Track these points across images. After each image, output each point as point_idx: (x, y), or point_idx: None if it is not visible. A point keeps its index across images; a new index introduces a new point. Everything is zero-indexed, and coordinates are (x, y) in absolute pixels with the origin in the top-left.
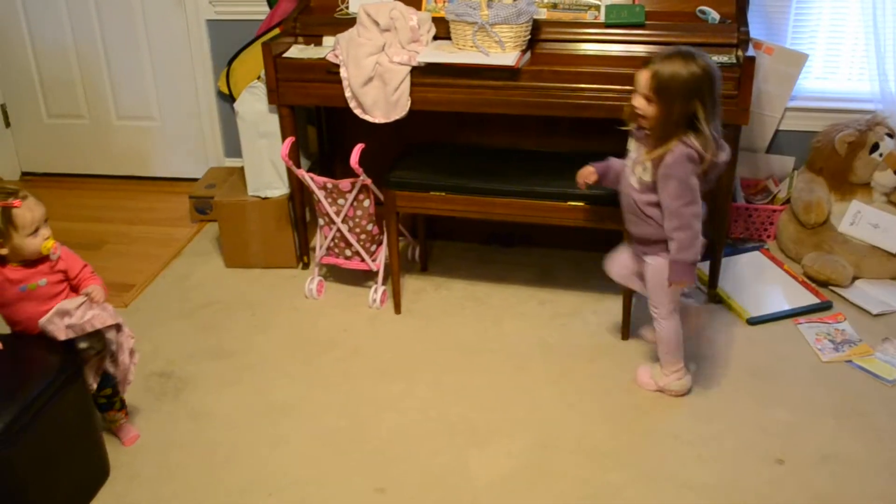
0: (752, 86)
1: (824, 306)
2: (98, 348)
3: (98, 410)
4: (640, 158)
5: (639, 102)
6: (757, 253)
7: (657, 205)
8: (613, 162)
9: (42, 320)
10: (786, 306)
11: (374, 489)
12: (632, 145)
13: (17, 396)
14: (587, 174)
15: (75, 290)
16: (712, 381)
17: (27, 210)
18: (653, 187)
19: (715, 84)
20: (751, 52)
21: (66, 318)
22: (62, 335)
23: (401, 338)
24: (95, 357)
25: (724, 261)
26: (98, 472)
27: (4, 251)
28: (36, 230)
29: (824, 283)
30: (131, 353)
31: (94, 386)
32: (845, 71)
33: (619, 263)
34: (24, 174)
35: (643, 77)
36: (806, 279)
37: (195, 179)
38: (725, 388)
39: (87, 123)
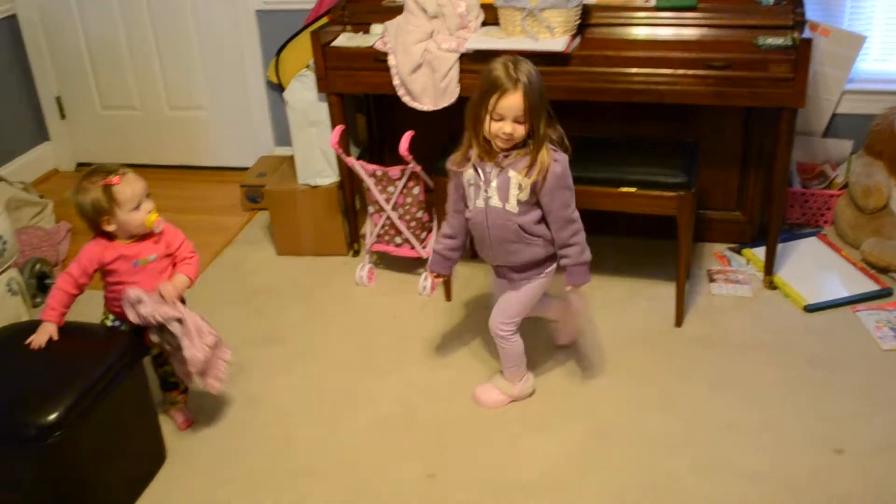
0: (809, 68)
1: (884, 293)
2: (173, 343)
3: (162, 388)
4: (511, 181)
5: (510, 128)
6: (814, 239)
7: (542, 220)
8: (452, 231)
9: (123, 300)
10: (844, 293)
11: (426, 475)
12: (477, 174)
13: (76, 382)
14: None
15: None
16: (769, 369)
17: (127, 185)
18: (535, 203)
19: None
20: (807, 33)
21: (140, 306)
22: (133, 319)
23: (451, 325)
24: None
25: (780, 247)
26: (155, 457)
27: (111, 227)
28: (138, 205)
29: (884, 270)
30: (216, 345)
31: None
32: None
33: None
34: (79, 165)
35: (515, 101)
36: (865, 265)
37: (246, 168)
38: (782, 376)
39: (139, 115)
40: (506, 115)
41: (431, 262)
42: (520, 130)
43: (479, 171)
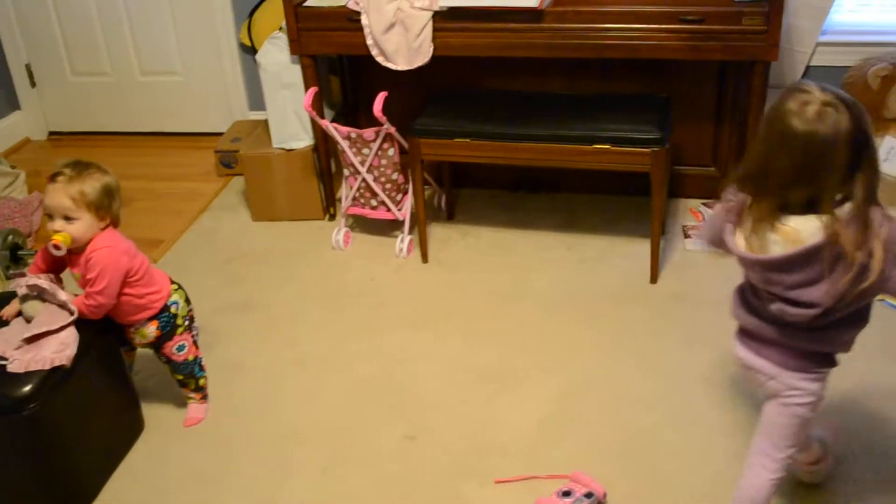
0: (782, 20)
1: None
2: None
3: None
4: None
5: None
6: None
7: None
8: None
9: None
10: None
11: (405, 437)
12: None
13: None
14: None
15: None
16: None
17: (48, 193)
18: None
19: None
20: None
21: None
22: (18, 290)
23: (428, 287)
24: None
25: None
26: (133, 427)
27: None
28: (52, 217)
29: None
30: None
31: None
32: (878, 2)
33: None
34: (51, 133)
35: None
36: None
37: (220, 133)
38: None
39: (111, 80)
40: None
41: None
42: None
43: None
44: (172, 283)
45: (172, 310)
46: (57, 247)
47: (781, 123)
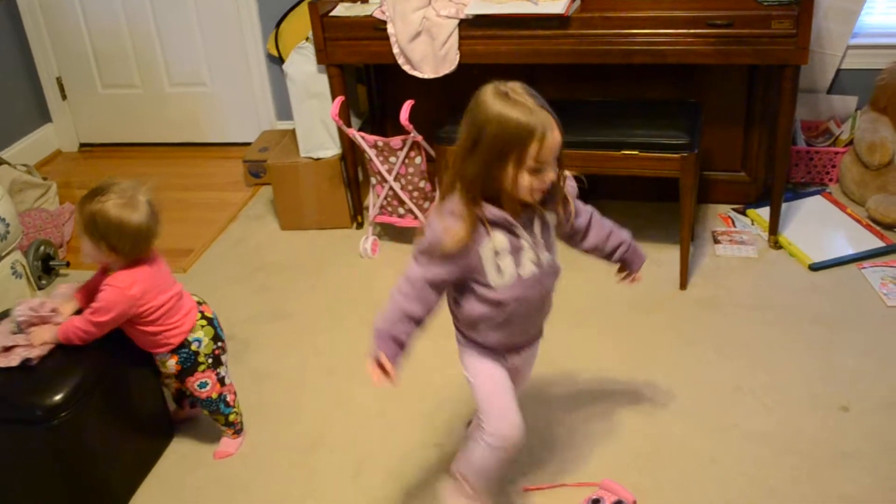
0: (812, 23)
1: (890, 249)
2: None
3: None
4: (551, 226)
5: (553, 173)
6: (819, 197)
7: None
8: (423, 311)
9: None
10: (850, 251)
11: (433, 444)
12: (514, 235)
13: (81, 363)
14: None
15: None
16: (774, 329)
17: None
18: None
19: None
20: None
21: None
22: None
23: None
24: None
25: (784, 206)
26: (163, 435)
27: None
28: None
29: (890, 226)
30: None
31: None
32: None
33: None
34: (82, 145)
35: (556, 139)
36: (870, 222)
37: (248, 143)
38: (788, 335)
39: (140, 92)
40: (548, 161)
41: (382, 346)
42: (551, 176)
43: (515, 232)
44: (204, 317)
45: (193, 347)
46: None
47: None
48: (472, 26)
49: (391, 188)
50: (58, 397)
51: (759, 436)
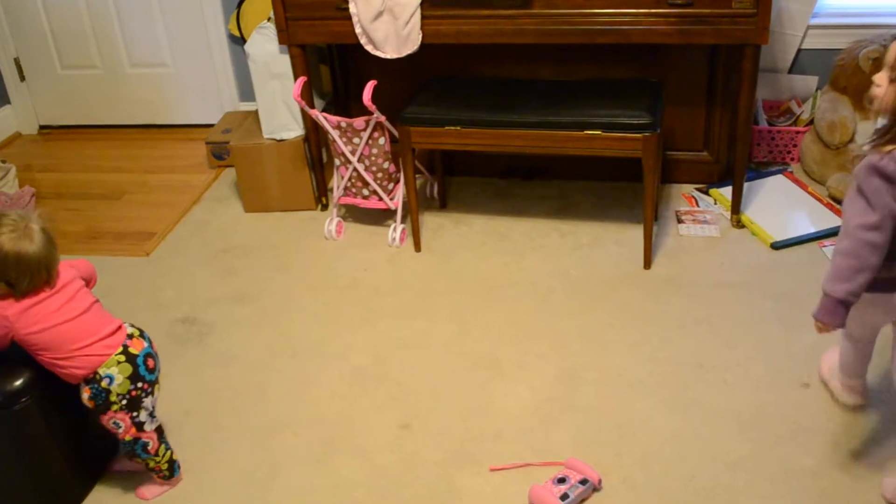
0: (772, 3)
1: None
2: None
3: None
4: None
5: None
6: (780, 176)
7: None
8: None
9: None
10: (811, 229)
11: (399, 425)
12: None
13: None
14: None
15: None
16: (736, 307)
17: None
18: None
19: None
20: None
21: None
22: None
23: (421, 275)
24: None
25: (746, 186)
26: None
27: None
28: None
29: None
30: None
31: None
32: None
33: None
34: (41, 127)
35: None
36: (831, 201)
37: (211, 125)
38: (750, 313)
39: (100, 73)
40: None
41: (834, 314)
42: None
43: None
44: (127, 352)
45: (103, 384)
46: None
47: None
48: (434, 6)
49: (355, 169)
50: (17, 383)
51: (722, 412)
